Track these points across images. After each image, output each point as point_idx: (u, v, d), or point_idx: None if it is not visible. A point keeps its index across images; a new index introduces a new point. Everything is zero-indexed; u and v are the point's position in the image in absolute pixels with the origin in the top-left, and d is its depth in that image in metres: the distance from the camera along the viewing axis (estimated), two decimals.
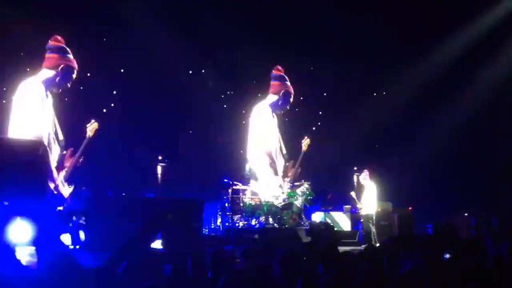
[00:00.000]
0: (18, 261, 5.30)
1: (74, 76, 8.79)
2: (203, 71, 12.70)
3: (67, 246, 7.63)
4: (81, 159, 8.61)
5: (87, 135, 8.65)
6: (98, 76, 10.90)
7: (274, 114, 11.77)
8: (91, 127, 8.72)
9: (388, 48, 13.07)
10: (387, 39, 12.90)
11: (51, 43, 8.80)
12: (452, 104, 13.89)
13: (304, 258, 4.91)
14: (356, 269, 3.95)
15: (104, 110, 10.95)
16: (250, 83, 12.67)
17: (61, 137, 8.71)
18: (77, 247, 7.64)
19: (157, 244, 5.73)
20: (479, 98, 13.61)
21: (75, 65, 8.82)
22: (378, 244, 10.36)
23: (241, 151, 11.82)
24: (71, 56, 8.84)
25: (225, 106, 12.89)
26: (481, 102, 13.69)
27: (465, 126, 13.61)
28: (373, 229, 10.90)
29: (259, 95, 12.16)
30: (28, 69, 9.20)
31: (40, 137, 8.30)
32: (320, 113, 13.96)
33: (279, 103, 11.58)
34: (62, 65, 8.60)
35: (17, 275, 4.06)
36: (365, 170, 11.44)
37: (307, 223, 10.56)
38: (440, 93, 13.97)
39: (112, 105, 11.27)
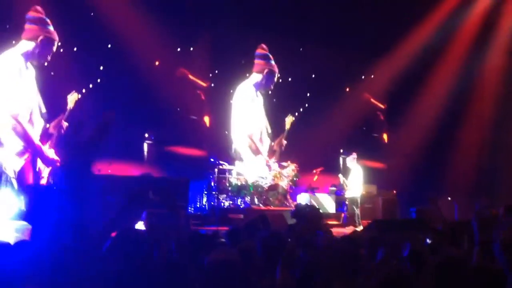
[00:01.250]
0: None
1: (54, 48, 8.65)
2: (191, 49, 12.56)
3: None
4: (65, 127, 8.55)
5: (68, 106, 8.59)
6: (85, 50, 10.75)
7: (258, 93, 11.75)
8: (71, 98, 8.65)
9: (375, 31, 13.05)
10: (376, 21, 12.87)
11: (30, 14, 8.63)
12: (439, 86, 13.95)
13: (289, 240, 4.94)
14: (337, 252, 3.98)
15: (91, 86, 10.81)
16: (238, 62, 12.59)
17: (43, 109, 8.63)
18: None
19: (140, 225, 5.73)
20: (463, 81, 13.69)
21: (55, 37, 8.66)
22: (361, 227, 10.47)
23: (226, 132, 11.80)
24: (51, 27, 8.68)
25: (212, 85, 12.79)
26: (466, 86, 13.79)
27: (449, 109, 13.70)
28: (357, 212, 10.99)
29: (247, 75, 12.09)
30: (14, 42, 9.01)
31: (15, 111, 8.21)
32: (308, 94, 13.91)
33: (263, 82, 11.58)
34: (41, 37, 8.44)
35: None
36: (353, 153, 11.48)
37: (292, 205, 10.63)
38: (426, 75, 14.00)
39: (99, 80, 11.12)
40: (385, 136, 14.46)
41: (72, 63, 10.27)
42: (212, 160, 10.84)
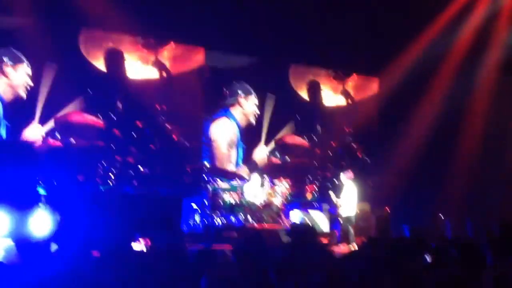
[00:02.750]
0: None
1: None
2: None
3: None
4: None
5: None
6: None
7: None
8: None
9: (366, 50, 13.18)
10: (367, 40, 13.01)
11: None
12: (431, 103, 14.02)
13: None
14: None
15: None
16: None
17: None
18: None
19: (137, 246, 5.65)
20: (456, 97, 13.78)
21: None
22: (355, 245, 10.43)
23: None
24: None
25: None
26: (459, 102, 13.88)
27: (442, 126, 13.76)
28: (351, 230, 10.94)
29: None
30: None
31: None
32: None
33: None
34: None
35: None
36: (349, 170, 11.45)
37: (286, 222, 10.58)
38: (418, 93, 14.06)
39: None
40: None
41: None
42: (205, 177, 10.79)
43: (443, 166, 13.82)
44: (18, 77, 10.12)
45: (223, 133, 12.35)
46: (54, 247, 6.27)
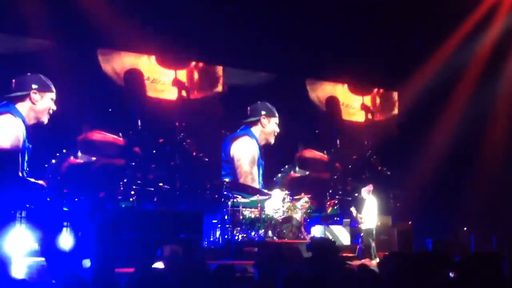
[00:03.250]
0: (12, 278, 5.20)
1: None
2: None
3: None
4: None
5: None
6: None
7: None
8: None
9: (385, 64, 13.17)
10: (384, 55, 13.01)
11: None
12: (452, 115, 13.88)
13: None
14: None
15: None
16: None
17: None
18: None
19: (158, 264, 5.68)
20: (477, 109, 13.63)
21: None
22: (377, 259, 10.31)
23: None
24: None
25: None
26: (481, 114, 13.73)
27: (464, 139, 13.59)
28: (373, 244, 10.83)
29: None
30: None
31: None
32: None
33: None
34: None
35: None
36: (370, 185, 11.37)
37: (307, 237, 10.52)
38: (439, 105, 13.95)
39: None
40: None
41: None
42: (225, 193, 10.83)
43: (465, 179, 13.63)
44: (44, 103, 10.41)
45: (245, 151, 12.54)
46: (87, 263, 6.35)
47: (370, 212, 11.20)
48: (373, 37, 12.74)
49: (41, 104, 10.39)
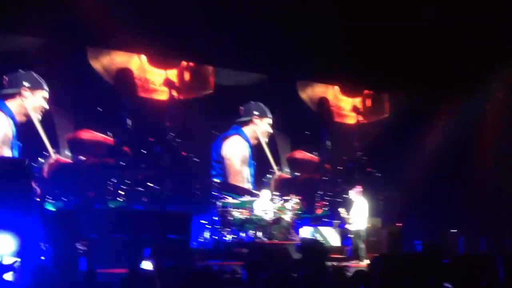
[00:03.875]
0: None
1: None
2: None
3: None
4: None
5: None
6: None
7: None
8: None
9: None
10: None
11: None
12: (444, 119, 13.92)
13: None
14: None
15: None
16: None
17: None
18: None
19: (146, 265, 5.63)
20: (471, 112, 13.68)
21: None
22: (367, 261, 10.31)
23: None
24: None
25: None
26: (473, 117, 13.78)
27: (455, 142, 13.63)
28: (362, 245, 10.84)
29: None
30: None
31: None
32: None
33: None
34: None
35: None
36: (357, 186, 11.40)
37: (297, 238, 10.51)
38: (431, 107, 13.98)
39: None
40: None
41: None
42: (215, 193, 10.79)
43: (455, 181, 13.69)
44: (35, 101, 10.28)
45: (236, 150, 12.47)
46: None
47: (359, 213, 11.22)
48: (364, 38, 12.76)
49: (32, 102, 10.26)
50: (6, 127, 9.85)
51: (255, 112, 12.72)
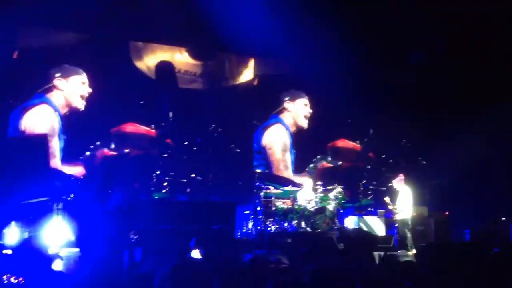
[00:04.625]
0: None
1: None
2: None
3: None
4: None
5: None
6: None
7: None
8: None
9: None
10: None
11: None
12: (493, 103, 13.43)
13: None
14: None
15: None
16: None
17: None
18: None
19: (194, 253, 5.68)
20: None
21: None
22: (414, 250, 10.12)
23: None
24: None
25: None
26: None
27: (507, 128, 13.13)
28: (409, 234, 10.64)
29: None
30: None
31: None
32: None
33: None
34: None
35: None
36: (400, 175, 11.18)
37: (340, 228, 10.41)
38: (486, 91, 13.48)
39: None
40: None
41: None
42: (257, 184, 10.78)
43: (505, 167, 13.25)
44: (71, 86, 10.21)
45: (277, 138, 12.33)
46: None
47: (405, 202, 11.01)
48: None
49: (68, 88, 10.18)
50: (53, 120, 10.02)
51: (285, 98, 12.47)
